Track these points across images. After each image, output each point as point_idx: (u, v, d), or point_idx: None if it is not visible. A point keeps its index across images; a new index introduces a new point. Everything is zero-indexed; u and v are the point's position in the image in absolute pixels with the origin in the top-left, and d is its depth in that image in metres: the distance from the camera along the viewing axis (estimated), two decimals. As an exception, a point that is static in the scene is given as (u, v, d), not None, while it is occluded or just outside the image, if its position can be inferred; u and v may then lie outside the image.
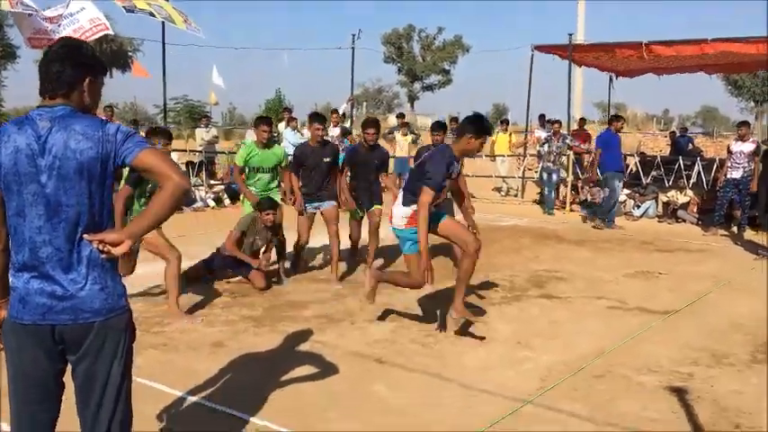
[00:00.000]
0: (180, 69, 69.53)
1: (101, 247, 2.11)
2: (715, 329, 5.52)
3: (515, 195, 15.60)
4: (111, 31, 10.36)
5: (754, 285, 7.22)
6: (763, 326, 5.57)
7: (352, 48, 16.37)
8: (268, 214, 6.62)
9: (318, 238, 7.69)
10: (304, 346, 4.96)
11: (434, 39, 44.27)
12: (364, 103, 48.07)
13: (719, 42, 12.03)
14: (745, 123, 11.07)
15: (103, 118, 2.41)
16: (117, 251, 2.12)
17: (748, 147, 10.46)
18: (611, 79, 17.00)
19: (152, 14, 10.63)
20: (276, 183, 7.30)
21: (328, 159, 7.09)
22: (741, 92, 36.06)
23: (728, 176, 10.63)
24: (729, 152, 10.70)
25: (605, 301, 6.45)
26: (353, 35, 16.38)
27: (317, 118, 7.24)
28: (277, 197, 7.11)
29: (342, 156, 7.87)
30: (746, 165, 10.42)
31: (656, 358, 4.77)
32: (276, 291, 6.64)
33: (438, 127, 7.92)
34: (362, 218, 7.47)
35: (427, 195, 4.71)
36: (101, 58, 2.43)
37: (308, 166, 7.05)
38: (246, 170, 7.08)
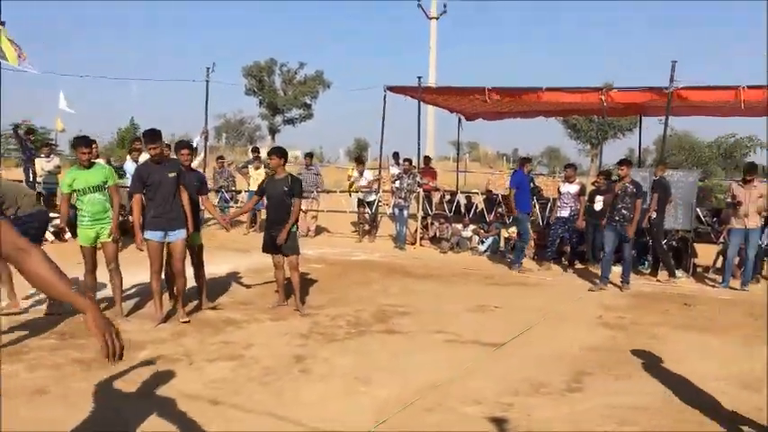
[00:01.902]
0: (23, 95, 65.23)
1: None
2: (538, 360, 5.94)
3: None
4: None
5: (578, 316, 7.86)
6: (582, 355, 6.08)
7: (207, 81, 16.15)
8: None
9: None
10: (135, 390, 4.78)
11: (296, 73, 44.57)
12: (224, 135, 47.31)
13: (553, 92, 13.13)
14: (571, 166, 12.10)
15: None
16: None
17: (574, 188, 11.43)
18: (459, 120, 17.94)
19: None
20: (109, 206, 6.97)
21: (173, 175, 6.83)
22: (579, 134, 39.21)
23: (558, 215, 11.55)
24: (559, 192, 11.64)
25: (444, 335, 6.75)
26: (208, 68, 16.17)
27: (81, 141, 6.91)
28: (108, 224, 6.83)
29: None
30: (573, 204, 11.37)
31: (483, 390, 5.06)
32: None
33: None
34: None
35: None
36: None
37: (152, 185, 6.77)
38: (75, 196, 6.80)
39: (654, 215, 10.66)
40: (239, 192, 16.12)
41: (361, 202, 14.74)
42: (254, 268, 10.16)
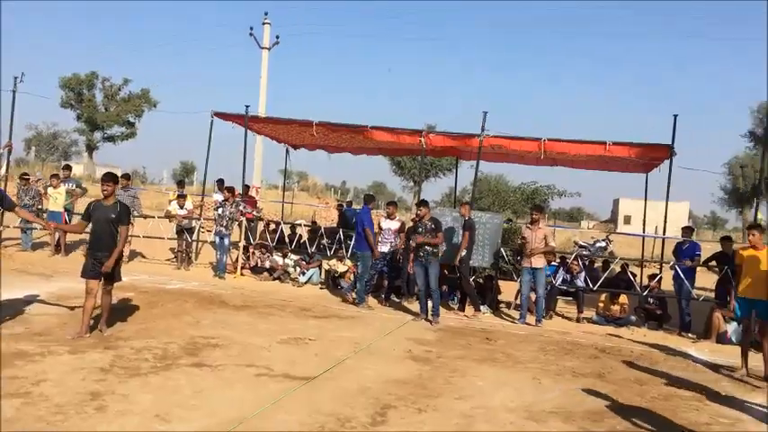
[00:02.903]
0: None
1: None
2: (347, 393, 6.05)
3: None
4: None
5: (389, 349, 8.13)
6: (388, 388, 6.28)
7: (13, 91, 14.88)
8: None
9: None
10: None
11: (120, 89, 42.33)
12: (33, 148, 43.66)
13: (377, 131, 13.62)
14: (392, 203, 12.59)
15: None
16: None
17: (394, 224, 11.89)
18: (287, 150, 18.02)
19: None
20: None
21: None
22: (403, 171, 40.93)
23: (379, 250, 11.91)
24: (380, 228, 12.04)
25: (254, 369, 6.66)
26: (16, 78, 14.93)
27: None
28: None
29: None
30: (393, 240, 11.81)
31: (289, 424, 5.05)
32: None
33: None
34: None
35: None
36: None
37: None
38: None
39: (463, 252, 11.38)
40: (45, 211, 14.92)
41: (180, 229, 14.23)
42: (57, 294, 9.42)
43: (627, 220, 55.36)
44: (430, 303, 10.60)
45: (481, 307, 11.54)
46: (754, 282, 8.07)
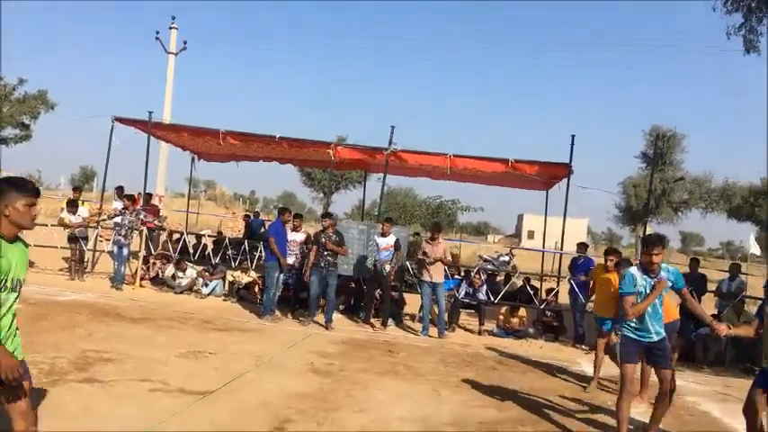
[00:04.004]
0: None
1: None
2: (244, 408, 5.94)
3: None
4: None
5: (291, 362, 8.05)
6: (288, 402, 6.22)
7: None
8: None
9: None
10: None
11: (14, 89, 40.03)
12: None
13: (286, 141, 13.55)
14: (298, 215, 12.53)
15: None
16: None
17: (300, 236, 11.83)
18: (193, 159, 17.61)
19: None
20: None
21: None
22: (313, 183, 40.72)
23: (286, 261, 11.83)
24: (286, 240, 11.93)
25: (149, 384, 6.43)
26: None
27: None
28: None
29: None
30: (298, 252, 11.74)
31: (181, 441, 4.91)
32: None
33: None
34: None
35: None
36: None
37: None
38: None
39: (387, 268, 11.41)
40: None
41: (73, 238, 13.57)
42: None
43: (531, 234, 57.25)
44: (336, 316, 10.59)
45: (388, 320, 11.66)
46: (605, 301, 8.55)
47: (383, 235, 11.59)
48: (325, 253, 10.64)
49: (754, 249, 32.48)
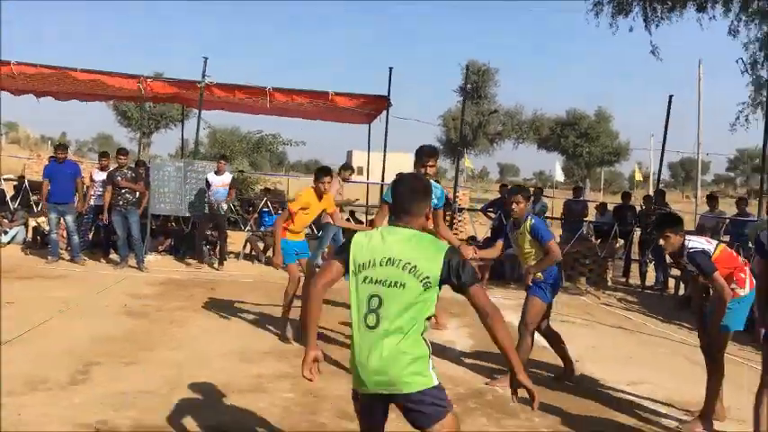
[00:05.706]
0: None
1: None
2: (45, 355, 5.54)
3: None
4: None
5: (102, 307, 7.62)
6: (94, 346, 5.90)
7: None
8: None
9: None
10: None
11: None
12: None
13: (90, 74, 12.44)
14: (105, 154, 11.78)
15: None
16: None
17: (104, 176, 11.04)
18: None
19: None
20: None
21: None
22: (130, 123, 38.25)
23: (92, 203, 11.09)
24: (92, 180, 11.18)
25: (-70, 340, 5.80)
26: None
27: None
28: None
29: None
30: (103, 192, 10.98)
31: None
32: None
33: None
34: None
35: None
36: None
37: None
38: None
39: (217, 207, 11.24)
40: None
41: None
42: None
43: (360, 171, 58.16)
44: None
45: (211, 258, 11.43)
46: None
47: (218, 173, 11.22)
48: (123, 191, 10.19)
49: (559, 176, 35.56)
